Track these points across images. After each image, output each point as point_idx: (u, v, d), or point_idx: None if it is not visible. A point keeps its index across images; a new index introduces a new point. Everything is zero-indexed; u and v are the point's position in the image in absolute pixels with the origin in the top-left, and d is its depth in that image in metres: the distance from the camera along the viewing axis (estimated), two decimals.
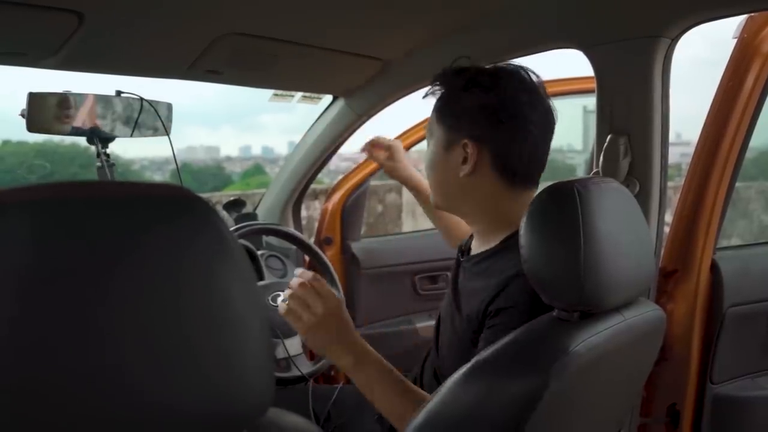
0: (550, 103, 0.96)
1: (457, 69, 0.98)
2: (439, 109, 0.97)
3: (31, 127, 1.15)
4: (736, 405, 1.26)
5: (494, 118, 0.91)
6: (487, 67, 0.98)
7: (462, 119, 0.94)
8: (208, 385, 0.36)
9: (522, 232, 0.80)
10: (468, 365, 0.75)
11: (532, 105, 0.91)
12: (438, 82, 0.99)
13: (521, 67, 0.95)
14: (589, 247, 0.73)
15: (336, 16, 1.08)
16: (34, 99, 1.15)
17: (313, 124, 1.65)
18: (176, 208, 0.38)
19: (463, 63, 1.08)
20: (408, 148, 1.84)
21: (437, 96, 0.99)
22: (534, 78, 0.94)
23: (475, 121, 0.92)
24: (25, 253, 0.32)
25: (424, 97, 1.02)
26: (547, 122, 0.94)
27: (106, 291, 0.33)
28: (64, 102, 1.19)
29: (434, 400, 0.75)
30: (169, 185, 0.40)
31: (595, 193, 0.76)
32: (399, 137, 1.81)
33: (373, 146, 1.27)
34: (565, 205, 0.75)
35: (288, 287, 0.90)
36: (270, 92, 1.52)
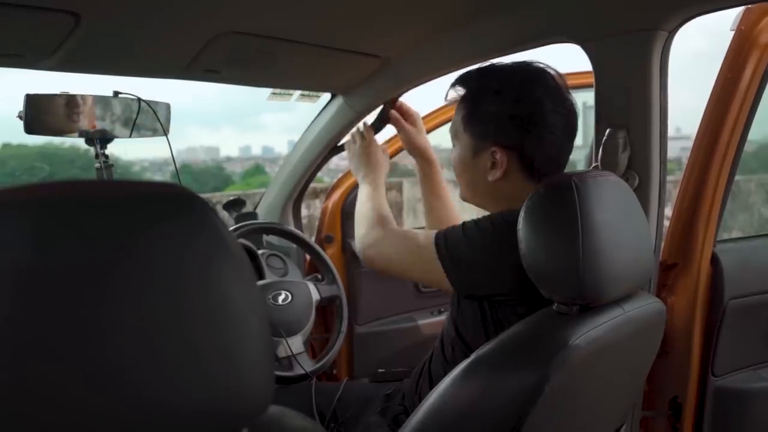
0: (572, 101, 0.97)
1: (482, 72, 0.99)
2: (465, 116, 0.98)
3: (29, 129, 1.15)
4: (738, 397, 1.26)
5: (521, 126, 0.92)
6: (510, 65, 0.98)
7: (489, 127, 0.95)
8: (208, 383, 0.36)
9: (520, 226, 0.80)
10: (468, 360, 0.76)
11: (556, 111, 0.93)
12: (461, 85, 1.00)
13: (545, 69, 0.96)
14: (588, 240, 0.73)
15: (334, 13, 1.08)
16: (32, 101, 1.15)
17: (312, 123, 1.65)
18: (174, 206, 0.38)
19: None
20: None
21: (460, 98, 0.99)
22: (558, 79, 0.96)
23: (502, 129, 0.94)
24: (23, 253, 0.32)
25: (446, 100, 1.02)
26: (570, 123, 0.96)
27: (104, 290, 0.33)
28: (61, 103, 1.19)
29: (435, 396, 0.75)
30: (166, 184, 0.40)
31: (592, 186, 0.76)
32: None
33: (404, 114, 1.27)
34: (563, 199, 0.75)
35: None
36: (268, 91, 1.52)
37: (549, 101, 0.92)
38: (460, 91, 1.00)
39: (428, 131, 1.81)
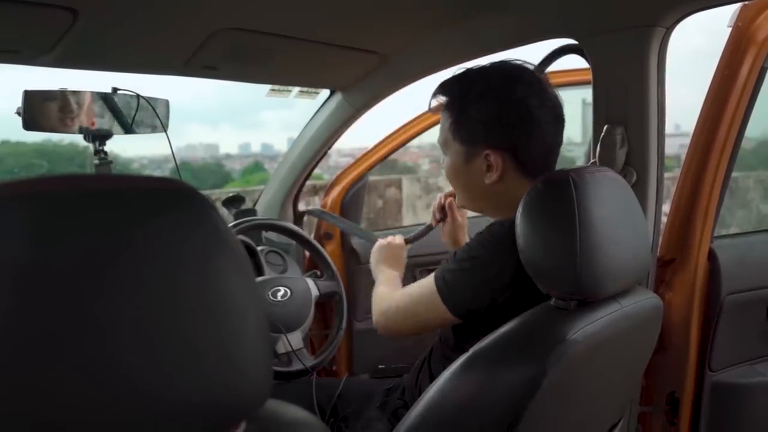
0: (555, 93, 0.97)
1: (462, 78, 0.98)
2: (453, 123, 0.97)
3: (27, 126, 1.15)
4: (735, 392, 1.27)
5: (509, 125, 0.92)
6: (487, 67, 0.98)
7: (478, 132, 0.94)
8: (206, 377, 0.36)
9: (518, 221, 0.80)
10: (466, 355, 0.76)
11: (542, 106, 0.93)
12: (443, 94, 0.99)
13: (524, 66, 0.96)
14: (585, 235, 0.74)
15: (332, 10, 1.08)
16: (30, 97, 1.15)
17: (311, 119, 1.66)
18: (173, 201, 0.38)
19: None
20: (406, 142, 1.84)
21: (444, 106, 0.99)
22: (537, 74, 0.95)
23: (491, 131, 0.93)
24: (21, 247, 0.33)
25: (430, 109, 1.02)
26: (557, 116, 0.96)
27: (103, 284, 0.34)
28: (60, 100, 1.19)
29: (434, 390, 0.75)
30: (165, 179, 0.40)
31: (590, 182, 0.77)
32: (399, 131, 1.81)
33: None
34: (561, 194, 0.76)
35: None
36: (268, 88, 1.52)
37: (534, 98, 0.92)
38: (442, 99, 0.99)
39: (422, 131, 1.82)
